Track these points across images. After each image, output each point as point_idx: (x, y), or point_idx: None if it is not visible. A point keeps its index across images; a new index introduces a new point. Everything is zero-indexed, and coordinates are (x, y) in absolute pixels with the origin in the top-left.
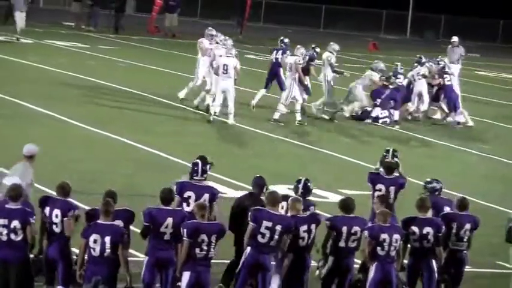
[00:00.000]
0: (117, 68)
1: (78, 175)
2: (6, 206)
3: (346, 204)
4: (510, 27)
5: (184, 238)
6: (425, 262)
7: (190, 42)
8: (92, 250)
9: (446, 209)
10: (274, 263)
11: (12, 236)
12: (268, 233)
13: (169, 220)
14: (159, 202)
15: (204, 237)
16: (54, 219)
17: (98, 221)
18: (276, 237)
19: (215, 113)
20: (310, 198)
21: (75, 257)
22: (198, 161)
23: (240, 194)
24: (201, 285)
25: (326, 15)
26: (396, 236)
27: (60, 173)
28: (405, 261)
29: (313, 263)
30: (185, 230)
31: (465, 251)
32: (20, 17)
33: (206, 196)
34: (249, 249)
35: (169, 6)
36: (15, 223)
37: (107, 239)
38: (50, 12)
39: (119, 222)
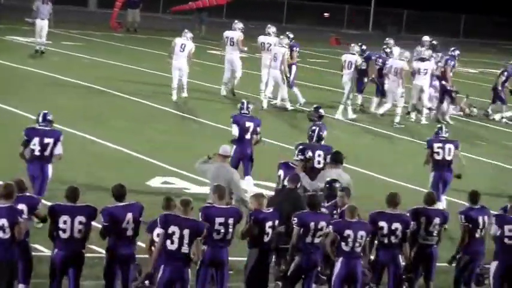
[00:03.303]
0: (80, 64)
1: None
2: None
3: (313, 201)
4: (472, 21)
5: (158, 229)
6: (391, 257)
7: (152, 37)
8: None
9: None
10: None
11: (1, 234)
12: (223, 228)
13: (129, 215)
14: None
15: (175, 229)
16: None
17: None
18: (231, 230)
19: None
20: None
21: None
22: None
23: (203, 189)
24: (175, 280)
25: (288, 9)
26: (362, 233)
27: (18, 170)
28: (371, 257)
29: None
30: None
31: (435, 246)
32: (40, 26)
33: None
34: (206, 247)
35: (131, 2)
36: (3, 221)
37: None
38: (10, 8)
39: (81, 218)
